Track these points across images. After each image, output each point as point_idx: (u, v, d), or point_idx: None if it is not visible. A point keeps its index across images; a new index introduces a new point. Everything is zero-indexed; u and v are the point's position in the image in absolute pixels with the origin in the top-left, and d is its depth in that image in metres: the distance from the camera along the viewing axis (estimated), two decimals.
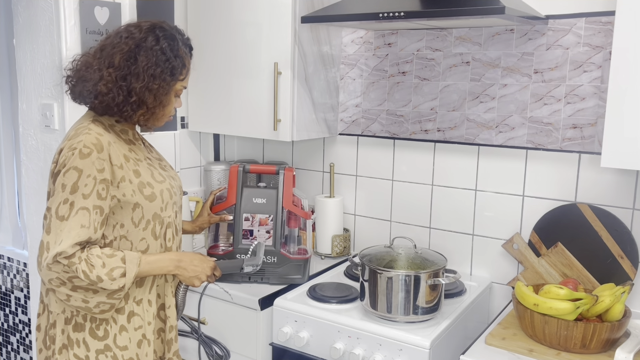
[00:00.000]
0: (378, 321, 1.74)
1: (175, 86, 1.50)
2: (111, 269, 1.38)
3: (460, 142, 2.13)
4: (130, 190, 1.44)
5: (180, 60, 1.48)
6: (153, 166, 1.54)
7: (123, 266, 1.40)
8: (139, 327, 1.50)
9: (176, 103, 1.55)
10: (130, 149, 1.49)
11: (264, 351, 1.93)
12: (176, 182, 1.60)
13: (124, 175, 1.43)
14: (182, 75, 1.50)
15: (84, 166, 1.37)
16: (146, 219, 1.48)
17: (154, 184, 1.49)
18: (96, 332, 1.46)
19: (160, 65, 1.44)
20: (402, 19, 1.72)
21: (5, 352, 2.89)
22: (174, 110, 1.56)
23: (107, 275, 1.37)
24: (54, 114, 2.07)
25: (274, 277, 2.01)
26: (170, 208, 1.54)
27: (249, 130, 2.25)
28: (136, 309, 1.50)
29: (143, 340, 1.51)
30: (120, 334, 1.47)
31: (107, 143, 1.41)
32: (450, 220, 2.18)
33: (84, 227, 1.37)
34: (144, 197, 1.46)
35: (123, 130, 1.51)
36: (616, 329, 1.53)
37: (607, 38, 1.81)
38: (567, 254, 1.89)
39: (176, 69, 1.47)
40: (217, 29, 2.28)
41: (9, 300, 2.83)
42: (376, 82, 2.30)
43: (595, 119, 1.86)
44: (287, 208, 2.02)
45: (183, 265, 1.52)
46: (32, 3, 2.07)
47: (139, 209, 1.46)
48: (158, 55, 1.44)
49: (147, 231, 1.49)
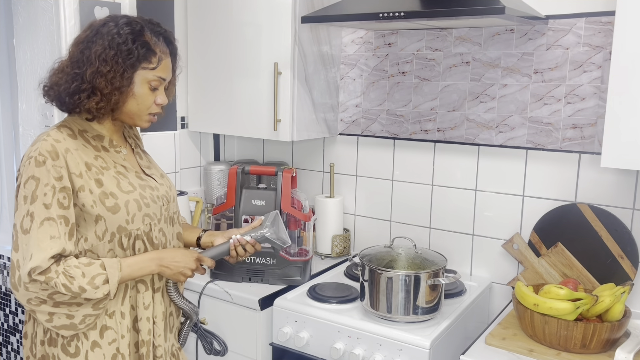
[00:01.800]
0: (378, 321, 1.74)
1: (145, 75, 1.39)
2: (92, 277, 1.31)
3: (460, 142, 2.13)
4: (91, 201, 1.35)
5: (144, 46, 1.37)
6: (122, 175, 1.43)
7: (104, 272, 1.33)
8: (113, 340, 1.41)
9: (157, 98, 1.43)
10: (96, 157, 1.40)
11: (264, 351, 1.93)
12: (157, 192, 1.48)
13: (83, 185, 1.34)
14: (151, 64, 1.38)
15: (41, 175, 1.30)
16: (110, 232, 1.38)
17: (119, 194, 1.38)
18: (67, 349, 1.38)
19: (114, 48, 1.34)
20: (402, 19, 1.72)
21: (5, 352, 2.89)
22: (156, 106, 1.44)
23: (89, 284, 1.30)
24: (54, 114, 2.07)
25: (274, 278, 2.01)
26: (140, 220, 1.42)
27: (249, 130, 2.25)
28: (109, 322, 1.40)
29: (117, 355, 1.42)
30: (92, 350, 1.38)
31: (63, 150, 1.33)
32: (450, 220, 2.18)
33: (54, 239, 1.29)
34: (106, 209, 1.36)
35: (97, 137, 1.43)
36: (616, 329, 1.53)
37: (607, 38, 1.81)
38: (567, 254, 1.89)
39: (133, 52, 1.35)
40: (217, 29, 2.28)
41: (9, 300, 2.83)
42: (376, 82, 2.30)
43: (595, 119, 1.86)
44: (285, 210, 2.01)
45: (165, 263, 1.43)
46: (32, 3, 2.07)
47: (102, 222, 1.36)
48: (113, 38, 1.35)
49: (113, 243, 1.39)
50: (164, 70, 1.42)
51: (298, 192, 2.10)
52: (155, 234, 1.47)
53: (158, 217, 1.47)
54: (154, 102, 1.43)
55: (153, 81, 1.40)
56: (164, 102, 1.46)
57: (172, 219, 1.56)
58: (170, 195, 1.54)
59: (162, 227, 1.50)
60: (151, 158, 1.62)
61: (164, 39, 1.43)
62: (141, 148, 1.60)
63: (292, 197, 2.04)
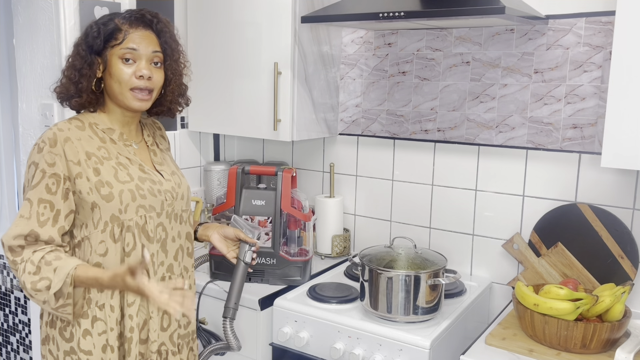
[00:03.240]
0: (378, 321, 1.74)
1: (114, 52, 1.41)
2: (40, 278, 1.33)
3: (460, 142, 2.13)
4: (87, 188, 1.39)
5: (109, 26, 1.42)
6: (123, 166, 1.46)
7: (51, 278, 1.33)
8: (103, 332, 1.44)
9: (135, 70, 1.42)
10: (100, 147, 1.44)
11: (264, 351, 1.93)
12: (159, 187, 1.50)
13: (81, 172, 1.39)
14: (117, 40, 1.41)
15: (39, 160, 1.38)
16: (104, 220, 1.41)
17: (114, 183, 1.42)
18: (64, 333, 1.43)
19: (84, 38, 1.44)
20: (402, 19, 1.72)
21: (5, 352, 2.89)
22: (136, 80, 1.42)
23: (31, 284, 1.33)
24: (54, 114, 2.08)
25: (274, 278, 2.01)
26: (133, 211, 1.43)
27: (249, 130, 2.25)
28: (99, 313, 1.43)
29: (107, 346, 1.44)
30: (84, 337, 1.42)
31: (63, 139, 1.39)
32: (450, 220, 2.18)
33: (22, 217, 1.36)
34: (101, 197, 1.40)
35: (108, 130, 1.48)
36: (616, 329, 1.52)
37: (607, 38, 1.81)
38: (567, 254, 1.89)
39: (100, 34, 1.41)
40: (217, 29, 2.28)
41: (9, 300, 2.83)
42: (376, 82, 2.30)
43: (595, 119, 1.86)
44: (285, 210, 2.01)
45: (115, 282, 1.33)
46: (32, 3, 2.07)
47: (97, 209, 1.41)
48: (86, 31, 1.44)
49: (105, 233, 1.42)
50: (132, 41, 1.42)
51: (298, 192, 2.10)
52: (151, 227, 1.48)
53: (157, 210, 1.49)
54: (134, 75, 1.43)
55: (124, 54, 1.41)
56: (145, 75, 1.43)
57: (179, 217, 1.56)
58: (177, 192, 1.56)
59: (163, 222, 1.51)
60: (169, 158, 1.65)
61: (135, 19, 1.46)
62: (159, 146, 1.63)
63: (292, 197, 2.04)
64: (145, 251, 1.27)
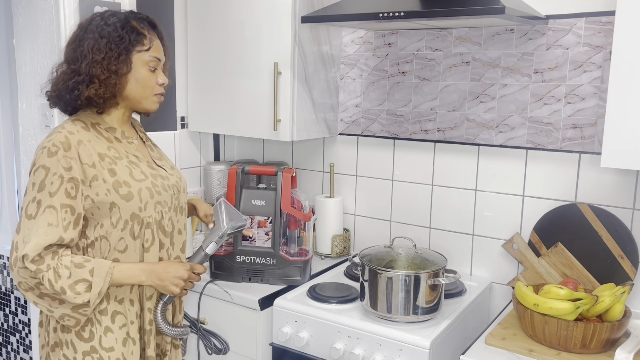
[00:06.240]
0: (378, 321, 1.74)
1: (142, 57, 1.46)
2: (76, 281, 1.35)
3: (460, 142, 2.13)
4: (104, 190, 1.40)
5: (133, 31, 1.44)
6: (135, 164, 1.49)
7: (90, 279, 1.36)
8: (123, 325, 1.48)
9: (158, 78, 1.50)
10: (109, 147, 1.46)
11: (264, 351, 1.93)
12: (167, 182, 1.54)
13: (97, 174, 1.40)
14: (144, 46, 1.45)
15: (51, 164, 1.36)
16: (124, 219, 1.43)
17: (132, 182, 1.44)
18: (82, 334, 1.44)
19: (105, 37, 1.41)
20: (402, 19, 1.72)
21: (5, 352, 2.89)
22: (159, 87, 1.51)
23: (70, 288, 1.34)
24: (54, 114, 2.07)
25: (274, 278, 2.01)
26: (152, 207, 1.47)
27: (249, 130, 2.25)
28: (119, 307, 1.47)
29: (128, 339, 1.48)
30: (105, 335, 1.44)
31: (76, 142, 1.39)
32: (450, 220, 2.18)
33: (51, 226, 1.34)
34: (120, 197, 1.42)
35: (110, 129, 1.49)
36: (616, 329, 1.53)
37: (607, 38, 1.81)
38: (567, 254, 1.89)
39: (124, 37, 1.42)
40: (217, 29, 2.28)
41: (9, 300, 2.83)
42: (376, 82, 2.30)
43: (595, 119, 1.86)
44: (285, 210, 2.01)
45: (156, 274, 1.47)
46: (32, 3, 2.07)
47: (116, 209, 1.42)
48: (102, 29, 1.42)
49: (125, 231, 1.44)
50: (157, 51, 1.50)
51: (298, 192, 2.10)
52: (166, 222, 1.53)
53: (169, 205, 1.54)
54: (156, 82, 1.50)
55: (151, 62, 1.48)
56: (166, 82, 1.53)
57: (182, 209, 1.62)
58: (180, 186, 1.61)
59: (172, 216, 1.56)
60: (161, 151, 1.69)
61: (148, 24, 1.50)
62: (152, 141, 1.67)
63: (292, 197, 2.04)
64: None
